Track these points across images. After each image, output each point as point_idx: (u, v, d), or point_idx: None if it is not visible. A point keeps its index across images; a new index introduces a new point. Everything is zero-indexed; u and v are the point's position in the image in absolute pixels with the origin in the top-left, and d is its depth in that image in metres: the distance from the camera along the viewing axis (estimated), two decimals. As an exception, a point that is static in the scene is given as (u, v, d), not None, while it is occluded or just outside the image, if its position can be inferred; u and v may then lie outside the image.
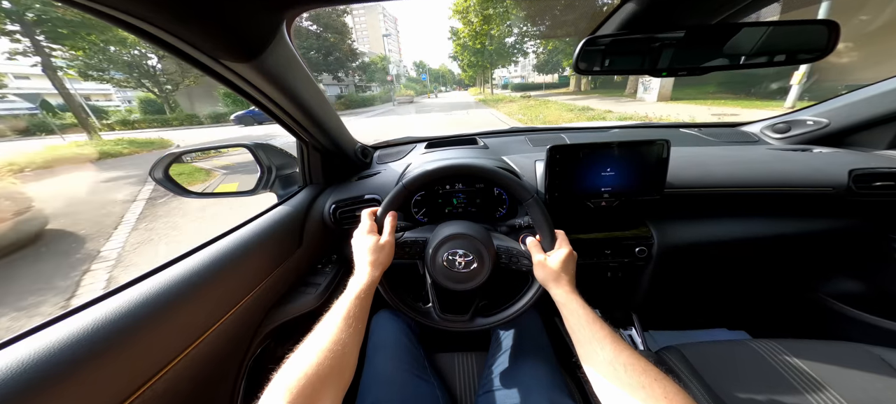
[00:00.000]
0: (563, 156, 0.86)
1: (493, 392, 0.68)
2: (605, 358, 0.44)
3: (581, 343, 0.49)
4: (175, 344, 0.50)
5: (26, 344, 0.39)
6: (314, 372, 0.39)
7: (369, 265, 0.59)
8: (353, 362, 0.46)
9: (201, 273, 0.57)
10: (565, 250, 0.62)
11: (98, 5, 0.34)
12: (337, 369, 0.42)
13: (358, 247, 0.64)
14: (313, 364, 0.40)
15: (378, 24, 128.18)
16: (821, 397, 0.65)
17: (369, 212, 0.68)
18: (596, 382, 0.45)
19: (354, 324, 0.48)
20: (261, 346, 0.72)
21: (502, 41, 24.48)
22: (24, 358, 0.36)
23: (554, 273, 0.59)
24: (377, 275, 0.60)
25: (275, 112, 0.72)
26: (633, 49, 0.58)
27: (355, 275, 0.59)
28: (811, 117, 1.16)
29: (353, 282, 0.57)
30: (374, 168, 1.15)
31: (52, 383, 0.37)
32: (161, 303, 0.49)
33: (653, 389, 0.38)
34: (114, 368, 0.42)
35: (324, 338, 0.44)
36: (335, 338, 0.44)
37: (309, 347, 0.43)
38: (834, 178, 0.91)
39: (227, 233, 0.71)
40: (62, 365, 0.38)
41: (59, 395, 0.37)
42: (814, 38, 0.50)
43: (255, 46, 0.48)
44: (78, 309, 0.46)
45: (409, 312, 0.73)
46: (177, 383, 0.50)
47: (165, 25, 0.39)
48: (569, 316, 0.53)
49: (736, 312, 1.37)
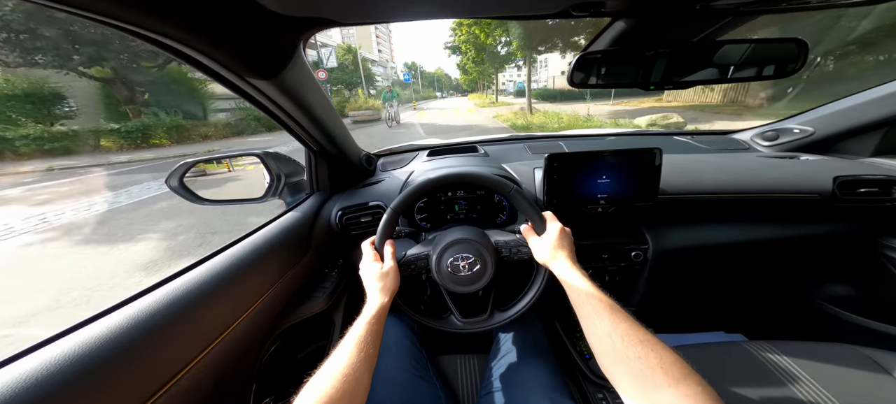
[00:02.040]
0: (561, 164, 0.89)
1: (494, 393, 0.69)
2: (604, 329, 0.45)
3: (582, 317, 0.50)
4: (197, 343, 0.53)
5: (59, 345, 0.41)
6: (328, 398, 0.41)
7: (379, 292, 0.62)
8: (366, 386, 0.48)
9: (221, 275, 0.60)
10: (556, 226, 0.64)
11: (148, 32, 0.39)
12: (350, 394, 0.44)
13: (366, 277, 0.66)
14: (327, 390, 0.42)
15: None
16: (814, 396, 0.67)
17: (369, 243, 0.71)
18: (598, 354, 0.46)
19: (366, 349, 0.50)
20: (273, 346, 0.74)
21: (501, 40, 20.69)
22: (59, 358, 0.39)
23: (551, 251, 0.61)
24: (387, 301, 0.61)
25: (288, 123, 0.76)
26: (625, 64, 0.63)
27: (367, 302, 0.61)
28: (797, 125, 1.21)
29: (366, 309, 0.59)
30: (378, 175, 1.19)
31: (85, 382, 0.39)
32: (184, 305, 0.52)
33: (649, 359, 0.38)
34: (141, 366, 0.45)
35: (338, 365, 0.46)
36: (348, 364, 0.46)
37: (324, 374, 0.45)
38: (819, 185, 0.94)
39: (240, 239, 0.74)
40: (93, 365, 0.40)
41: (90, 394, 0.39)
42: (787, 53, 0.54)
43: (276, 65, 0.53)
44: (110, 310, 0.48)
45: (431, 324, 0.75)
46: (198, 380, 0.52)
47: (201, 48, 0.43)
48: (570, 292, 0.54)
49: (732, 315, 1.39)
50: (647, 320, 0.48)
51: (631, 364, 0.40)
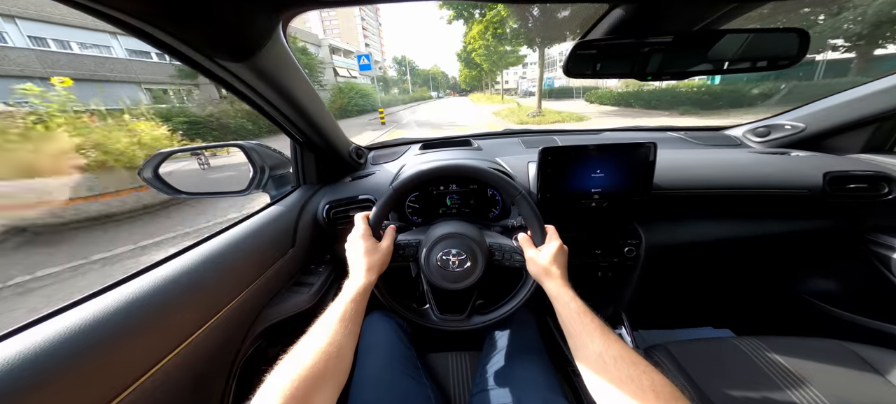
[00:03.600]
0: (555, 158, 0.87)
1: (486, 391, 0.68)
2: (595, 350, 0.45)
3: (572, 335, 0.50)
4: (163, 344, 0.50)
5: (9, 344, 0.38)
6: (308, 374, 0.39)
7: (365, 269, 0.59)
8: (348, 364, 0.46)
9: (189, 273, 0.57)
10: (556, 244, 0.63)
11: (95, 4, 0.34)
12: (331, 371, 0.42)
13: (352, 251, 0.63)
14: (307, 365, 0.40)
15: (351, 13, 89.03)
16: (799, 392, 0.68)
17: (363, 216, 0.68)
18: (586, 375, 0.45)
19: (349, 326, 0.48)
20: (253, 346, 0.71)
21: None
22: (7, 359, 0.36)
23: (545, 267, 0.60)
24: (373, 279, 0.59)
25: (269, 111, 0.72)
26: (622, 54, 0.61)
27: (350, 277, 0.58)
28: (789, 122, 1.21)
29: (349, 285, 0.56)
30: (369, 169, 1.15)
31: (36, 384, 0.36)
32: (147, 304, 0.49)
33: (640, 381, 0.39)
34: (99, 369, 0.42)
35: (318, 340, 0.44)
36: (330, 340, 0.44)
37: (303, 348, 0.43)
38: (810, 181, 0.95)
39: (216, 234, 0.71)
40: (46, 366, 0.37)
41: (43, 396, 0.37)
42: (786, 45, 0.53)
43: (250, 46, 0.49)
44: (64, 308, 0.45)
45: (406, 314, 0.73)
46: (165, 383, 0.49)
47: (162, 25, 0.39)
48: (561, 309, 0.54)
49: (721, 311, 1.41)
50: (637, 316, 0.47)
51: (623, 385, 0.39)
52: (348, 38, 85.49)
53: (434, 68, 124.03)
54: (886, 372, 0.70)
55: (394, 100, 45.07)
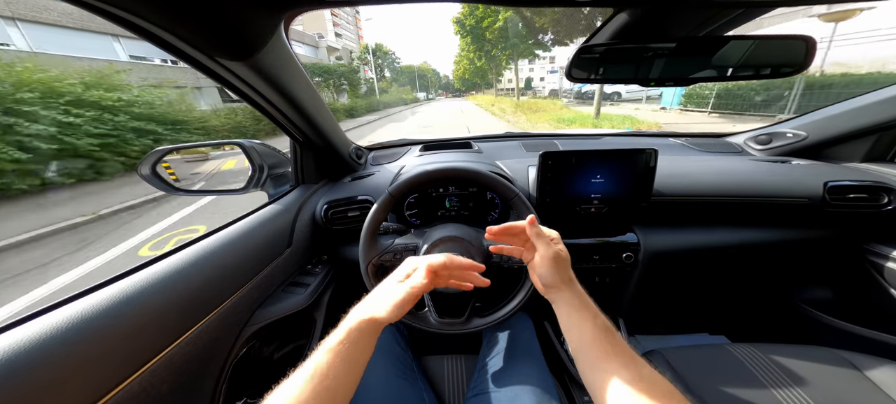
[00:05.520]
0: (555, 162, 0.87)
1: (482, 395, 0.67)
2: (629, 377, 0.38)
3: (569, 328, 0.47)
4: (152, 344, 0.49)
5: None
6: None
7: (392, 307, 0.49)
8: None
9: (181, 272, 0.56)
10: (559, 248, 0.61)
11: (97, 3, 0.34)
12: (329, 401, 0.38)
13: (390, 288, 0.52)
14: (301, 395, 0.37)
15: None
16: (793, 398, 0.68)
17: (427, 267, 0.53)
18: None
19: (359, 360, 0.44)
20: (246, 347, 0.70)
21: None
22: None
23: (561, 277, 0.57)
24: (390, 321, 0.50)
25: (269, 110, 0.71)
26: (626, 58, 0.60)
27: (372, 309, 0.49)
28: (791, 130, 1.21)
29: (368, 318, 0.47)
30: (368, 169, 1.15)
31: (18, 385, 0.35)
32: (137, 302, 0.48)
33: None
34: (83, 370, 0.41)
35: (320, 378, 0.39)
36: (332, 376, 0.40)
37: (297, 378, 0.39)
38: (810, 190, 0.94)
39: (211, 233, 0.70)
40: (30, 366, 0.37)
41: (27, 397, 0.36)
42: (792, 52, 0.52)
43: (252, 45, 0.48)
44: (50, 307, 0.44)
45: (405, 318, 0.72)
46: (153, 384, 0.48)
47: (163, 23, 0.39)
48: (575, 323, 0.47)
49: (716, 317, 1.40)
50: (634, 322, 0.46)
51: None
52: (314, 26, 61.74)
53: (424, 65, 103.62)
54: (879, 380, 0.70)
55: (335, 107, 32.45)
